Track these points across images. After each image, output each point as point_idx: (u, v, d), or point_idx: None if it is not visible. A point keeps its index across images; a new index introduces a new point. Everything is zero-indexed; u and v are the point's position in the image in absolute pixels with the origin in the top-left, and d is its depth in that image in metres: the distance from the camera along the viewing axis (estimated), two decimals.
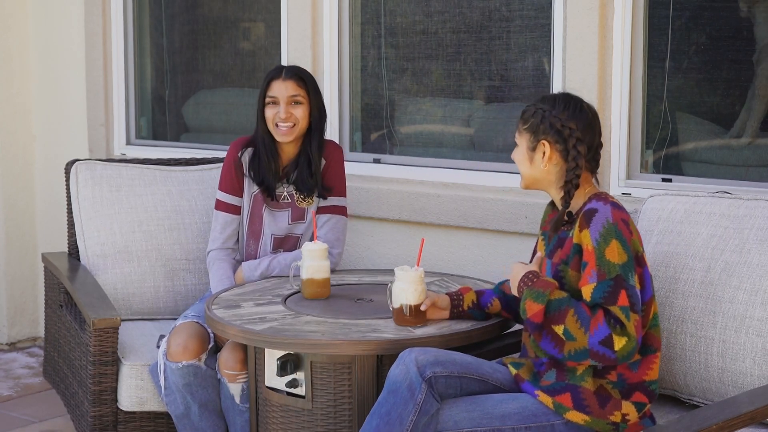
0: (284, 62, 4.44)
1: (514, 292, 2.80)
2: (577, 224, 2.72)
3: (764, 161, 3.51)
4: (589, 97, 3.64)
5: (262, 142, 3.67)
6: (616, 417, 2.69)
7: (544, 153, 2.80)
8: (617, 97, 3.64)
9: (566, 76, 3.69)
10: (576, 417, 2.68)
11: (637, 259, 2.70)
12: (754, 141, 3.51)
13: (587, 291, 2.66)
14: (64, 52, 5.21)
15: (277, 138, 3.64)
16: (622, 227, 2.68)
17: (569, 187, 2.77)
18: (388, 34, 4.30)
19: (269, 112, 3.63)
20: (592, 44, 3.62)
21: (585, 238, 2.69)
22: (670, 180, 3.61)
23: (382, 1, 4.30)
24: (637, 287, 2.66)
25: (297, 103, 3.63)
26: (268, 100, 3.64)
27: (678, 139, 3.66)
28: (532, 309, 2.68)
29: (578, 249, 2.72)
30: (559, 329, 2.65)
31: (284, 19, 4.43)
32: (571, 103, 2.82)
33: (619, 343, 2.60)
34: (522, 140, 2.84)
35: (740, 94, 3.52)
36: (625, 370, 2.72)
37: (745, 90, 3.51)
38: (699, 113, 3.66)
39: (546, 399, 2.70)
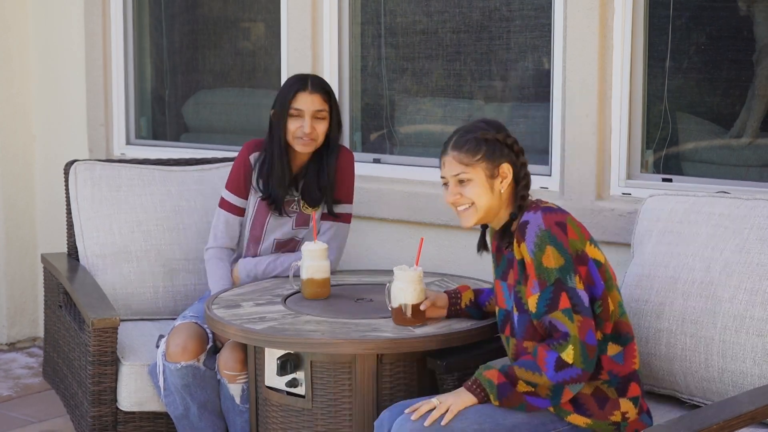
0: (284, 62, 4.43)
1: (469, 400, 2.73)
2: (515, 240, 2.74)
3: (764, 161, 3.51)
4: (589, 97, 3.64)
5: (279, 153, 3.58)
6: (616, 417, 2.69)
7: (504, 177, 2.80)
8: (617, 97, 3.63)
9: (566, 76, 3.69)
10: (578, 420, 2.68)
11: (578, 258, 2.69)
12: (754, 141, 3.51)
13: (532, 302, 2.68)
14: (64, 52, 5.21)
15: (297, 148, 3.56)
16: (557, 231, 2.68)
17: (523, 202, 2.81)
18: (388, 34, 4.30)
19: (292, 125, 3.55)
20: (592, 44, 3.62)
21: (524, 251, 2.71)
22: (670, 180, 3.61)
23: (382, 1, 4.29)
24: (580, 287, 2.65)
25: (321, 118, 3.58)
26: (292, 111, 3.55)
27: (678, 139, 3.66)
28: (493, 376, 2.68)
29: (523, 264, 2.73)
30: (522, 386, 2.66)
31: (284, 19, 4.43)
32: (492, 122, 2.87)
33: (568, 355, 2.62)
34: (476, 173, 2.80)
35: (740, 94, 3.52)
36: (613, 366, 2.72)
37: (745, 90, 3.51)
38: (699, 113, 3.66)
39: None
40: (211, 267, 3.67)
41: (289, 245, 3.72)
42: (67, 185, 4.09)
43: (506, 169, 2.81)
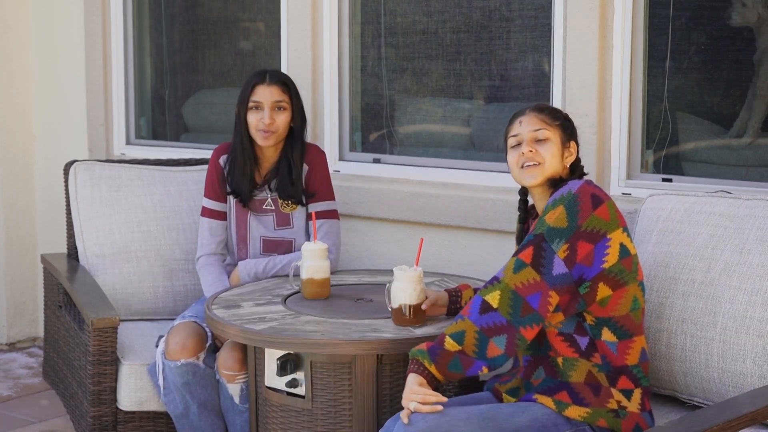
0: (284, 62, 4.43)
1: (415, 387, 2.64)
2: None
3: (765, 161, 3.51)
4: (589, 97, 3.64)
5: (241, 148, 3.64)
6: (612, 404, 2.68)
7: (571, 154, 2.86)
8: (617, 97, 3.63)
9: (566, 76, 3.69)
10: (576, 412, 2.66)
11: (588, 234, 2.63)
12: (754, 141, 3.51)
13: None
14: (64, 52, 5.21)
15: (259, 142, 3.63)
16: (584, 200, 2.66)
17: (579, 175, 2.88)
18: (388, 34, 4.30)
19: (252, 118, 3.62)
20: (592, 44, 3.62)
21: (542, 208, 2.74)
22: (670, 180, 3.61)
23: (382, 1, 4.29)
24: (561, 255, 2.61)
25: (280, 108, 3.62)
26: (251, 105, 3.62)
27: (678, 139, 3.66)
28: (423, 346, 2.63)
29: None
30: (450, 344, 2.60)
31: (284, 19, 4.43)
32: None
33: (493, 298, 2.59)
34: (554, 135, 2.84)
35: (740, 94, 3.52)
36: (607, 352, 2.70)
37: (745, 90, 3.51)
38: (699, 113, 3.66)
39: (545, 400, 2.68)
40: (204, 274, 3.69)
41: (280, 247, 3.71)
42: (66, 185, 4.09)
43: (574, 147, 2.88)
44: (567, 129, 2.88)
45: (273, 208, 3.69)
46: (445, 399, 2.62)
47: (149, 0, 5.08)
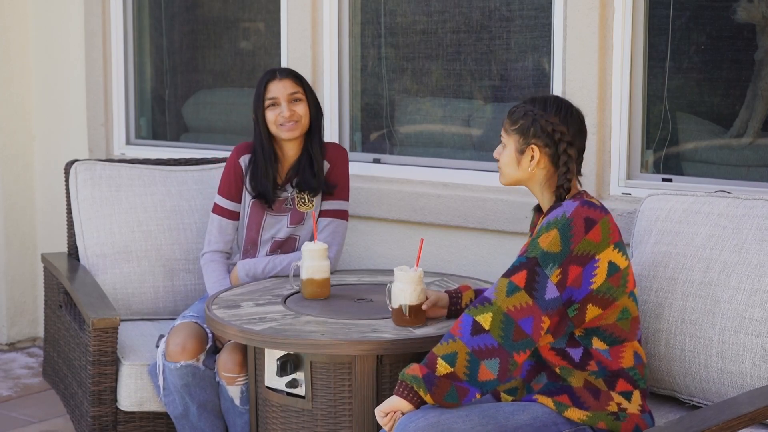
0: (284, 62, 4.44)
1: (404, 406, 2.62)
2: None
3: (765, 161, 3.51)
4: (589, 97, 3.64)
5: (261, 148, 3.63)
6: (612, 407, 2.68)
7: (532, 157, 2.77)
8: (617, 97, 3.63)
9: (566, 76, 3.69)
10: (576, 414, 2.66)
11: (579, 258, 2.63)
12: (754, 141, 3.51)
13: None
14: (64, 52, 5.21)
15: (283, 136, 3.61)
16: (577, 224, 2.64)
17: (561, 191, 2.75)
18: (388, 34, 4.30)
19: (271, 114, 3.60)
20: (592, 44, 3.62)
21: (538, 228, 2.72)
22: (670, 180, 3.61)
23: (382, 1, 4.30)
24: (553, 280, 2.60)
25: (297, 100, 3.62)
26: (268, 102, 3.60)
27: (678, 139, 3.66)
28: (416, 370, 2.59)
29: None
30: (443, 367, 2.56)
31: (284, 19, 4.43)
32: (563, 107, 2.79)
33: (485, 320, 2.56)
34: (510, 141, 2.80)
35: (740, 94, 3.52)
36: (601, 359, 2.70)
37: (745, 90, 3.51)
38: (699, 113, 3.66)
39: (546, 400, 2.69)
40: (208, 270, 3.68)
41: (285, 245, 3.71)
42: (67, 185, 4.09)
43: (534, 150, 2.76)
44: (524, 133, 2.77)
45: (290, 207, 3.68)
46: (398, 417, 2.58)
47: (149, 0, 5.08)
